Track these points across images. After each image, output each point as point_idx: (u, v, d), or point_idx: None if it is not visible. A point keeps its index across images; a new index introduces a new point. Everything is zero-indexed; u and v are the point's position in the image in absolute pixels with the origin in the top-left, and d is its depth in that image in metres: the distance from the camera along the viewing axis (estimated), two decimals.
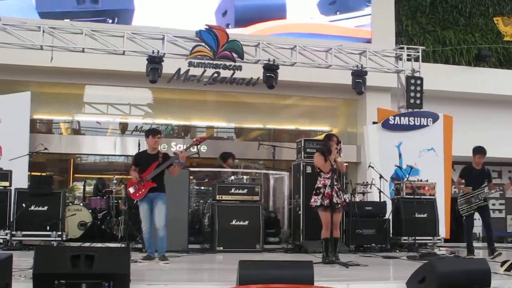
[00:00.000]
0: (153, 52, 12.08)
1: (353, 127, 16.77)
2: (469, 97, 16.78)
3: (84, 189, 14.60)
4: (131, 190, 9.03)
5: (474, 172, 10.70)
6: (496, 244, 10.99)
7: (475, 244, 11.22)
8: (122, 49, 12.27)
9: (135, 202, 9.49)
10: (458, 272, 6.45)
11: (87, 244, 9.89)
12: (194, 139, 9.71)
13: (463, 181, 10.75)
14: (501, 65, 17.87)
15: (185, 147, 9.71)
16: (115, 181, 12.44)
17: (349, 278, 7.41)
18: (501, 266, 7.84)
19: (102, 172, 14.99)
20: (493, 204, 18.52)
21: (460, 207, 10.67)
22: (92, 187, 14.52)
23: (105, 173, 13.94)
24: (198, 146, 10.11)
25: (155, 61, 12.03)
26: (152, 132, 9.19)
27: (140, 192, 8.94)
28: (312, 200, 9.16)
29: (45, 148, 11.83)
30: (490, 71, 17.27)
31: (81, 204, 12.52)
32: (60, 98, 16.22)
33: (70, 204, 12.24)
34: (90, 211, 12.23)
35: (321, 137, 13.22)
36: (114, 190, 12.44)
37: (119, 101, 16.57)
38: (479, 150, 10.72)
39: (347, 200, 9.43)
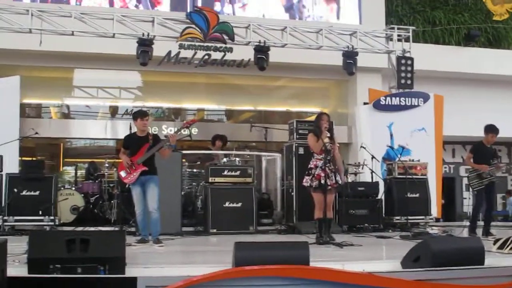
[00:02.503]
0: (143, 35, 12.03)
1: (344, 108, 16.77)
2: (459, 77, 16.82)
3: (75, 174, 14.48)
4: (122, 174, 8.95)
5: (484, 149, 10.69)
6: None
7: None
8: (112, 32, 12.20)
9: (127, 185, 9.45)
10: (452, 250, 6.48)
11: (80, 229, 9.87)
12: (184, 122, 9.66)
13: (472, 156, 10.73)
14: (491, 44, 17.93)
15: (175, 130, 9.65)
16: (107, 165, 12.38)
17: (344, 258, 7.41)
18: (494, 244, 7.87)
19: (92, 156, 14.92)
20: None
21: (471, 182, 10.61)
22: (84, 171, 14.45)
23: (97, 157, 13.86)
24: (190, 129, 10.03)
25: (145, 44, 11.99)
26: (140, 115, 9.05)
27: (131, 176, 8.86)
28: (304, 180, 9.15)
29: (36, 133, 11.76)
30: (480, 50, 17.32)
31: (73, 188, 12.44)
32: (49, 82, 16.08)
33: (62, 188, 12.16)
34: (82, 195, 12.14)
35: (313, 118, 13.22)
36: (106, 174, 12.37)
37: (109, 85, 16.46)
38: (492, 129, 10.68)
39: (340, 182, 9.31)
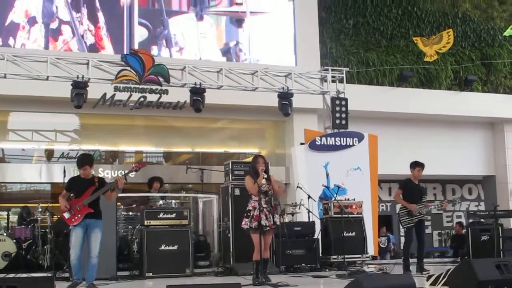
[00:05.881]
0: (77, 77, 11.92)
1: (281, 149, 16.89)
2: (392, 117, 17.22)
3: (8, 219, 14.17)
4: (66, 215, 8.68)
5: (413, 186, 10.90)
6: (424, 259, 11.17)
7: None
8: (45, 75, 12.06)
9: (65, 231, 9.21)
10: None
11: (11, 275, 9.57)
12: (134, 165, 9.51)
13: (402, 192, 10.91)
14: (423, 85, 18.41)
15: (124, 173, 9.53)
16: (40, 209, 12.13)
17: None
18: (427, 280, 8.02)
19: (28, 200, 14.60)
20: None
21: (402, 218, 10.81)
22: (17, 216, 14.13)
23: (30, 201, 13.57)
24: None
25: (79, 86, 11.87)
26: (78, 165, 8.95)
27: (76, 218, 8.63)
28: (243, 222, 9.17)
29: None
30: (412, 91, 17.78)
31: (5, 234, 12.13)
32: None
33: None
34: (15, 241, 11.87)
35: (250, 159, 13.28)
36: (39, 218, 12.12)
37: (44, 128, 16.21)
38: (419, 164, 10.94)
39: (278, 223, 9.43)
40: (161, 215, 11.02)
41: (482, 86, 19.29)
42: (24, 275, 9.75)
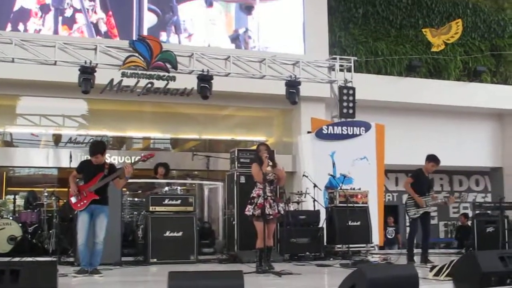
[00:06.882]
0: (85, 63, 11.93)
1: (288, 137, 16.88)
2: (400, 107, 17.15)
3: (14, 203, 14.20)
4: (73, 199, 8.72)
5: (423, 177, 10.88)
6: (429, 250, 11.18)
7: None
8: (53, 59, 12.07)
9: (70, 215, 9.22)
10: (386, 278, 6.54)
11: (16, 259, 9.63)
12: (142, 155, 9.46)
13: (412, 181, 10.90)
14: (431, 75, 18.33)
15: (132, 162, 9.49)
16: (46, 194, 12.17)
17: (282, 287, 7.45)
18: (430, 271, 8.00)
19: (35, 185, 14.67)
20: None
21: (408, 209, 10.76)
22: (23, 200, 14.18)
23: (36, 186, 13.62)
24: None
25: (87, 72, 11.88)
26: (90, 153, 8.88)
27: (82, 203, 8.66)
28: (246, 209, 9.18)
29: None
30: (421, 81, 17.71)
31: (11, 217, 12.19)
32: None
33: None
34: (20, 224, 11.92)
35: (255, 147, 13.31)
36: (45, 203, 12.16)
37: (52, 112, 16.24)
38: (436, 159, 10.91)
39: (282, 212, 9.42)
40: (166, 202, 10.98)
41: (491, 77, 19.18)
42: (29, 259, 9.83)
